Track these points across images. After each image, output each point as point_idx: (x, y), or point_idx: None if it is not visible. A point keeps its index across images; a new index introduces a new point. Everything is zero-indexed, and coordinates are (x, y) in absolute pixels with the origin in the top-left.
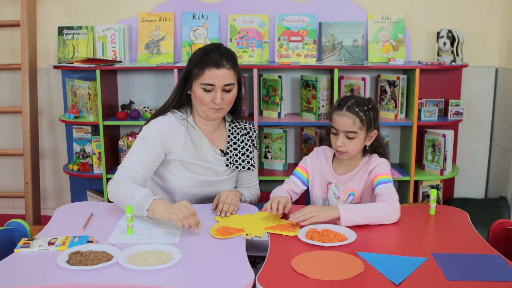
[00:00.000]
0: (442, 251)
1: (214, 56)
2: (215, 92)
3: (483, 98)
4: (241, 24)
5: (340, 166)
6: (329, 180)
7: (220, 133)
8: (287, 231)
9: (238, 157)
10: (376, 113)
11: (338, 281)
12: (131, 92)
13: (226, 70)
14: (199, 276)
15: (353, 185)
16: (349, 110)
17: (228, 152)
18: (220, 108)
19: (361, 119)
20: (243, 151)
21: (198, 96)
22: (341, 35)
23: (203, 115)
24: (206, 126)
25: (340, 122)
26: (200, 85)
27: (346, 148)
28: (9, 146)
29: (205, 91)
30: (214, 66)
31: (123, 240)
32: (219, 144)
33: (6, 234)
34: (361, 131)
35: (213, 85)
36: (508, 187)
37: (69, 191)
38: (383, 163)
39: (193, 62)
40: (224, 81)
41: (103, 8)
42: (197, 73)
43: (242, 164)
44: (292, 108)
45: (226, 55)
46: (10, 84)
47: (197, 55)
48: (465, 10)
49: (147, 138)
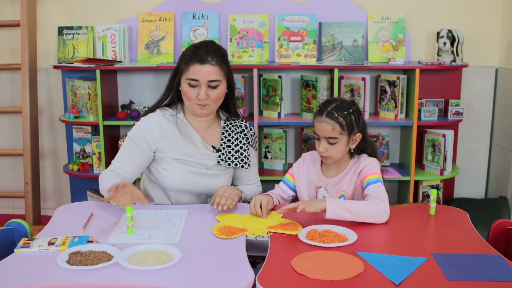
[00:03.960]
0: (442, 251)
1: (200, 52)
2: (199, 88)
3: (483, 98)
4: (241, 24)
5: (329, 169)
6: (318, 185)
7: (214, 131)
8: (290, 230)
9: (231, 154)
10: (359, 116)
11: (338, 281)
12: (131, 92)
13: (210, 66)
14: (199, 276)
15: (343, 186)
16: (328, 116)
17: (221, 149)
18: (205, 104)
19: (341, 124)
20: (237, 148)
21: (184, 91)
22: (341, 35)
23: (191, 111)
24: (198, 123)
25: (320, 129)
26: (186, 80)
27: (328, 153)
28: (9, 146)
29: (190, 86)
30: (198, 62)
31: (123, 240)
32: (212, 141)
33: (6, 234)
34: (342, 136)
35: (197, 81)
36: (508, 187)
37: (69, 191)
38: (372, 162)
39: (181, 59)
40: (208, 77)
41: (103, 8)
42: (183, 68)
43: (234, 161)
44: (292, 108)
45: (213, 51)
46: (10, 84)
47: (187, 51)
48: (465, 10)
49: (134, 137)
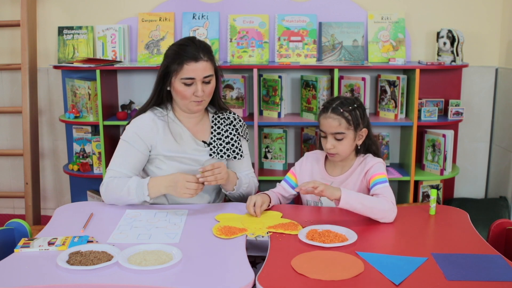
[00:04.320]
0: (442, 251)
1: (190, 50)
2: (196, 85)
3: (483, 98)
4: (241, 24)
5: (334, 168)
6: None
7: (203, 125)
8: (290, 230)
9: (223, 146)
10: (363, 111)
11: (338, 281)
12: (131, 92)
13: (204, 62)
14: (199, 276)
15: (349, 185)
16: (334, 111)
17: (212, 143)
18: (201, 100)
19: (347, 119)
20: (228, 140)
21: (179, 91)
22: (341, 35)
23: (185, 109)
24: (188, 120)
25: (327, 125)
26: (180, 80)
27: (336, 150)
28: (9, 146)
29: (185, 85)
30: (192, 60)
31: (123, 240)
32: (202, 136)
33: (6, 234)
34: (348, 131)
35: (193, 79)
36: (508, 187)
37: (69, 191)
38: (379, 163)
39: (169, 58)
40: (203, 73)
41: (103, 8)
42: (176, 69)
43: (227, 153)
44: (292, 108)
45: (202, 47)
46: (10, 84)
47: (173, 50)
48: (465, 10)
49: (128, 138)
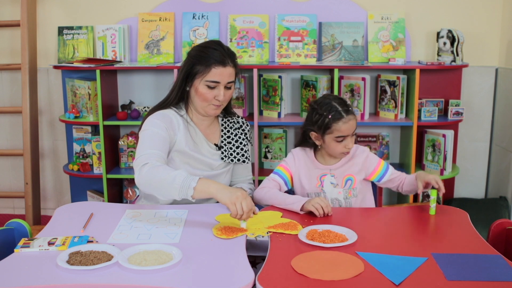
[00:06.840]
0: (442, 251)
1: (218, 54)
2: (218, 89)
3: (483, 98)
4: (241, 24)
5: (323, 158)
6: (321, 173)
7: (214, 128)
8: (290, 230)
9: (233, 150)
10: None
11: (338, 281)
12: (131, 92)
13: (230, 68)
14: (199, 276)
15: (348, 170)
16: (351, 113)
17: (223, 146)
18: (220, 104)
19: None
20: (237, 144)
21: (201, 93)
22: (341, 35)
23: (202, 111)
24: (201, 122)
25: (349, 128)
26: (204, 82)
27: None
28: (9, 146)
29: (209, 88)
30: (220, 64)
31: (123, 240)
32: (213, 138)
33: (6, 234)
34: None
35: (218, 83)
36: (508, 187)
37: (69, 191)
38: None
39: (195, 59)
40: (228, 79)
41: (103, 8)
42: (202, 70)
43: (237, 157)
44: (292, 108)
45: (229, 53)
46: (10, 84)
47: (200, 51)
48: (465, 10)
49: (154, 126)
